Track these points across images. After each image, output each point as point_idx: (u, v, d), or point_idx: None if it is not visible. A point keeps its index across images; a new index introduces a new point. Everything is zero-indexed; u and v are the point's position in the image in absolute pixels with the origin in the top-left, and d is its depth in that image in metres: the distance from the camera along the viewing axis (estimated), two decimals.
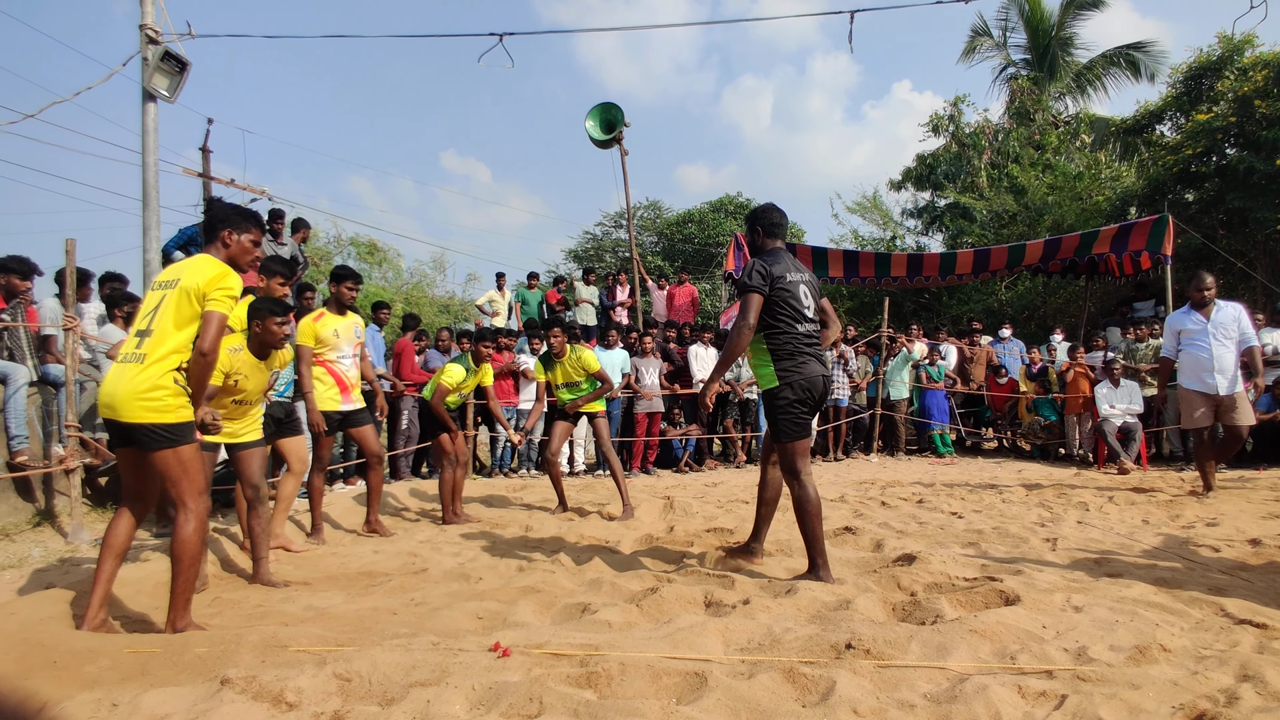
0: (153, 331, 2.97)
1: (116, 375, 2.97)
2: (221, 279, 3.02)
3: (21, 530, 5.16)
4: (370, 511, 5.54)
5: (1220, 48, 12.70)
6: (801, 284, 3.71)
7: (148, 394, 2.90)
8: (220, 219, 3.21)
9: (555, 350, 6.04)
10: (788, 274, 3.66)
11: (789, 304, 3.64)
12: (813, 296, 3.75)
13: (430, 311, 21.56)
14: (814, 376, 3.65)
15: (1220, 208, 11.78)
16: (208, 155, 14.11)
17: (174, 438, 2.97)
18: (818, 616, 3.04)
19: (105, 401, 2.95)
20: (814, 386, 3.65)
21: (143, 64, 6.76)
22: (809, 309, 3.71)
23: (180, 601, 3.04)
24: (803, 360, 3.64)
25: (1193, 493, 6.59)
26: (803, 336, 3.67)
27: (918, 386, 11.13)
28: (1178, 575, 3.61)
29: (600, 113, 11.95)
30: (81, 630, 3.00)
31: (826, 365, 3.76)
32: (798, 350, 3.65)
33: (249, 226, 3.27)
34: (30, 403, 5.51)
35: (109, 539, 3.10)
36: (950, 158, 18.30)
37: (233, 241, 3.21)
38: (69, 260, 5.15)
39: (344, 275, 5.43)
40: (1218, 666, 2.35)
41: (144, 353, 2.94)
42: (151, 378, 2.91)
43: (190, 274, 3.02)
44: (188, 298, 2.98)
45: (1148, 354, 9.33)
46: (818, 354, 3.72)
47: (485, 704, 2.15)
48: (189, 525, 3.03)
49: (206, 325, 2.98)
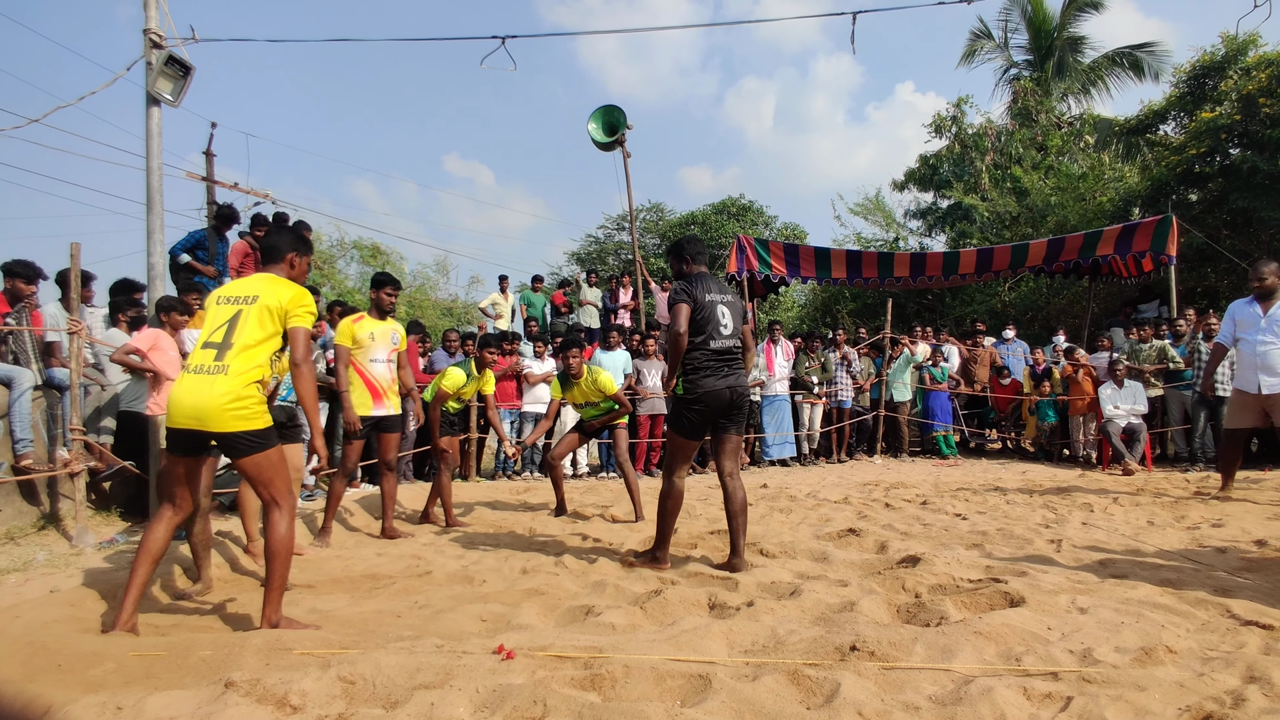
0: (233, 345, 3.10)
1: (198, 387, 3.04)
2: (301, 297, 3.24)
3: (26, 534, 5.16)
4: (385, 517, 5.54)
5: (1224, 47, 12.69)
6: (720, 304, 4.06)
7: (234, 404, 3.03)
8: (288, 242, 3.46)
9: (573, 371, 6.00)
10: (707, 295, 4.02)
11: (705, 323, 4.00)
12: (732, 317, 4.09)
13: (433, 314, 21.61)
14: (715, 389, 3.98)
15: (1224, 207, 11.75)
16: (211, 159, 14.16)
17: (263, 442, 3.12)
18: (822, 618, 3.04)
19: (190, 413, 3.03)
20: (715, 398, 3.98)
21: (146, 68, 6.77)
22: (726, 328, 4.04)
23: (275, 596, 3.13)
24: (705, 374, 3.98)
25: (1198, 494, 6.58)
26: (713, 352, 4.01)
27: (921, 388, 11.11)
28: (1183, 576, 3.60)
29: (602, 115, 11.96)
30: (111, 632, 3.01)
31: (738, 381, 4.07)
32: (702, 364, 3.99)
33: (308, 251, 3.56)
34: (35, 406, 5.53)
35: (147, 543, 3.16)
36: (953, 159, 18.29)
37: (298, 263, 3.46)
38: (74, 264, 5.16)
39: (384, 281, 5.43)
40: (1224, 668, 2.34)
41: (227, 364, 3.07)
42: (236, 388, 3.04)
43: (269, 293, 3.19)
44: (270, 314, 3.16)
45: (1151, 355, 9.31)
46: (729, 369, 4.05)
47: (489, 707, 2.15)
48: (283, 523, 3.16)
49: (295, 340, 3.19)
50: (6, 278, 5.66)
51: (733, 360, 4.08)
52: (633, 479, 6.04)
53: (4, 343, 5.65)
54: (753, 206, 24.80)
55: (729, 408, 4.05)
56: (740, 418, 4.16)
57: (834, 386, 10.54)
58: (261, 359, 3.12)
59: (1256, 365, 5.90)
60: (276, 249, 3.42)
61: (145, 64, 6.80)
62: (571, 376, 6.02)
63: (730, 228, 22.17)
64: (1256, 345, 5.91)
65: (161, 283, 6.71)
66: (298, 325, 3.18)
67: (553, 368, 9.53)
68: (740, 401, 4.09)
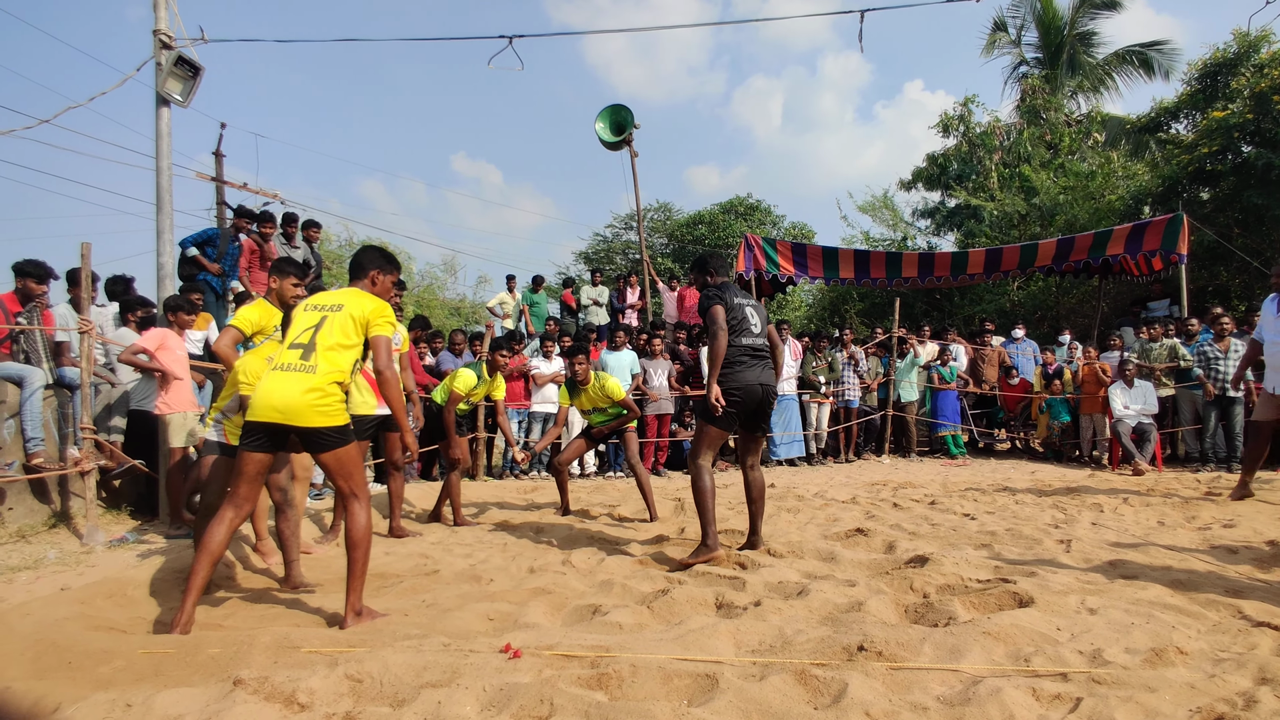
0: (317, 347, 3.27)
1: (286, 384, 3.19)
2: (383, 309, 3.42)
3: (38, 532, 5.20)
4: (393, 516, 5.56)
5: (1236, 44, 12.59)
6: (747, 307, 4.39)
7: (320, 401, 3.19)
8: (371, 260, 3.64)
9: (580, 378, 6.00)
10: (735, 298, 4.35)
11: (739, 324, 4.29)
12: (759, 319, 4.41)
13: (441, 314, 21.63)
14: (751, 384, 4.23)
15: (1236, 205, 11.66)
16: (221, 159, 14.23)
17: (343, 438, 3.29)
18: (829, 618, 3.03)
19: (277, 407, 3.16)
20: (749, 392, 4.22)
21: (156, 69, 6.82)
22: (755, 327, 4.36)
23: (358, 585, 3.25)
24: (741, 368, 4.24)
25: (1210, 494, 6.53)
26: (746, 348, 4.28)
27: (930, 387, 11.08)
28: (1194, 577, 3.57)
29: (610, 115, 11.96)
30: (172, 634, 3.04)
31: (770, 378, 4.35)
32: (736, 359, 4.24)
33: (393, 269, 3.72)
34: (46, 405, 5.56)
35: (207, 543, 3.24)
36: (961, 158, 18.22)
37: (379, 280, 3.62)
38: (84, 264, 5.19)
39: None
40: (1235, 669, 2.32)
41: (314, 365, 3.23)
42: (322, 385, 3.21)
43: (353, 304, 3.38)
44: (353, 323, 3.34)
45: (1162, 354, 9.25)
46: (761, 364, 4.32)
47: (496, 705, 2.15)
48: (362, 515, 3.32)
49: (378, 348, 3.37)
50: (18, 277, 5.70)
51: (764, 358, 4.36)
52: (645, 479, 6.02)
53: (15, 342, 5.69)
54: (760, 206, 24.75)
55: (761, 404, 4.31)
56: (767, 417, 4.47)
57: (841, 386, 10.52)
58: (344, 363, 3.29)
59: (1272, 365, 5.84)
60: (360, 266, 3.62)
61: (155, 65, 6.84)
62: (579, 383, 6.01)
63: (738, 227, 22.12)
64: (1272, 344, 5.84)
65: (171, 282, 6.75)
66: (379, 334, 3.36)
67: (560, 368, 9.54)
68: (771, 399, 4.37)
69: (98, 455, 5.33)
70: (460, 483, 6.01)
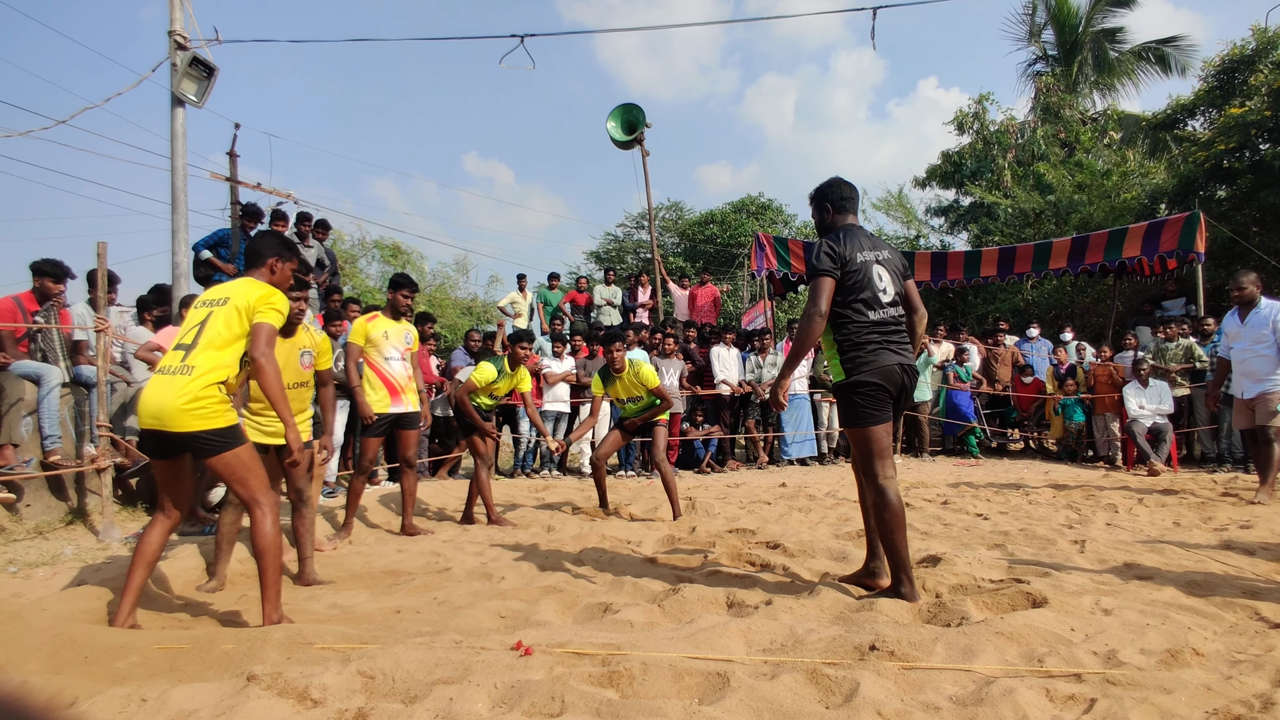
0: (198, 345, 3.09)
1: (161, 387, 3.04)
2: (269, 296, 3.22)
3: (55, 528, 5.26)
4: (405, 515, 5.56)
5: (1254, 40, 12.45)
6: (875, 264, 3.29)
7: (192, 404, 3.00)
8: (268, 248, 3.44)
9: (616, 366, 5.98)
10: (859, 254, 3.27)
11: (859, 289, 3.25)
12: (891, 277, 3.33)
13: (453, 313, 21.70)
14: (888, 366, 3.21)
15: (1253, 204, 11.54)
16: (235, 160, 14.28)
17: (227, 441, 3.09)
18: (841, 618, 3.02)
19: (152, 413, 3.03)
20: (888, 377, 3.22)
21: (171, 70, 6.87)
22: (885, 292, 3.29)
23: (271, 594, 3.14)
24: (874, 350, 3.23)
25: (1226, 494, 6.47)
26: (874, 324, 3.25)
27: (943, 387, 11.02)
28: (1210, 578, 3.53)
29: (621, 114, 11.97)
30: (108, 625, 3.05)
31: (908, 355, 3.32)
32: (866, 340, 3.24)
33: (292, 256, 3.52)
34: (63, 403, 5.62)
35: (142, 548, 3.18)
36: (976, 155, 18.10)
37: (278, 269, 3.44)
38: (100, 263, 5.24)
39: (401, 283, 5.50)
40: (1252, 671, 2.29)
41: (191, 365, 3.05)
42: (195, 389, 3.01)
43: (239, 294, 3.19)
44: (237, 314, 3.14)
45: (1178, 353, 9.16)
46: (896, 342, 3.29)
47: (507, 702, 2.15)
48: (266, 520, 3.16)
49: (256, 334, 3.14)
50: (35, 277, 5.76)
51: (895, 331, 3.30)
52: (670, 478, 5.96)
53: (33, 340, 5.75)
54: (772, 205, 24.70)
55: (901, 391, 3.29)
56: (900, 400, 3.36)
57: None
58: (227, 359, 3.10)
59: (1240, 372, 6.20)
60: (258, 253, 3.42)
61: (170, 65, 6.90)
62: (614, 371, 6.00)
63: (749, 226, 22.08)
64: (1236, 353, 6.22)
65: (186, 281, 6.81)
66: (261, 320, 3.15)
67: (571, 367, 9.56)
68: (913, 385, 3.34)
69: (114, 453, 5.38)
70: (489, 479, 5.99)
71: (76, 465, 5.46)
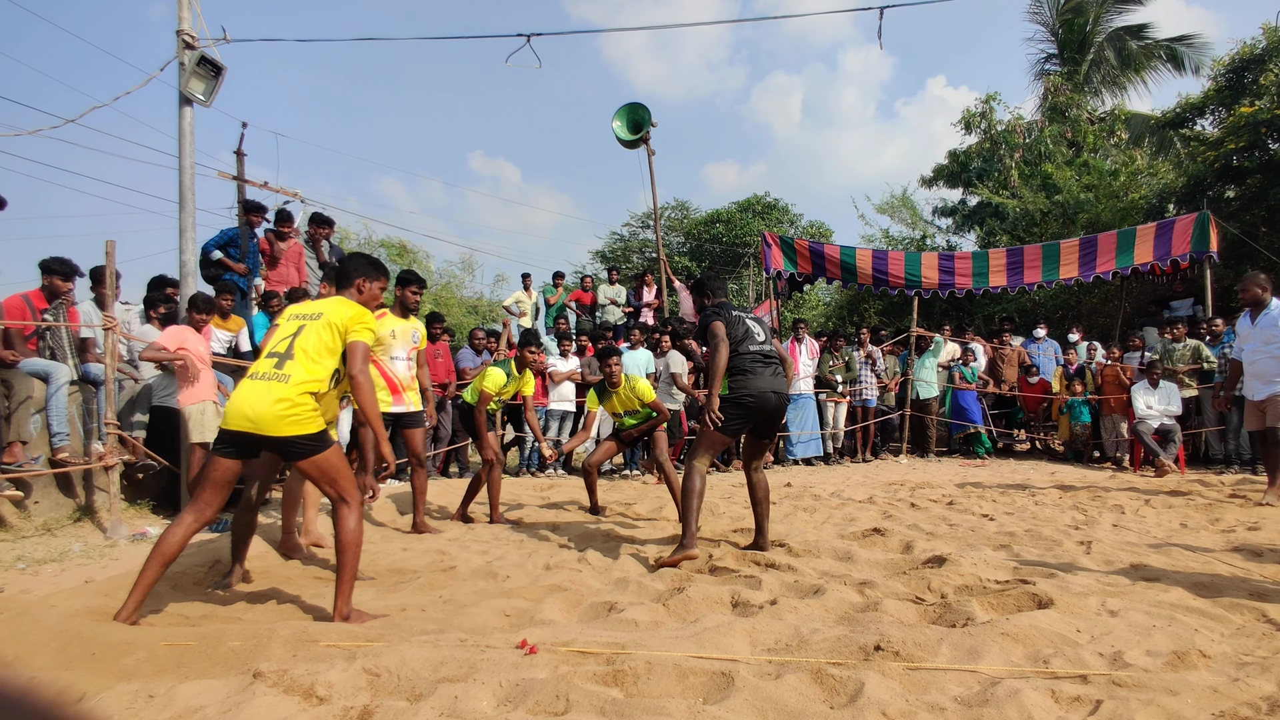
0: (294, 355, 3.23)
1: (255, 393, 3.15)
2: (361, 315, 3.38)
3: (62, 525, 5.28)
4: (416, 513, 5.56)
5: (1265, 39, 12.37)
6: (748, 320, 4.40)
7: (289, 410, 3.13)
8: (357, 268, 3.66)
9: (613, 380, 5.97)
10: (734, 313, 4.40)
11: (743, 335, 4.30)
12: (763, 330, 4.43)
13: (458, 312, 21.72)
14: (764, 391, 4.19)
15: (1263, 203, 11.48)
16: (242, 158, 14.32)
17: (317, 445, 3.22)
18: (846, 618, 3.01)
19: (247, 416, 3.12)
20: (762, 400, 4.20)
21: (179, 69, 6.89)
22: (759, 335, 4.36)
23: (346, 589, 3.20)
24: (752, 375, 4.21)
25: (1234, 496, 6.44)
26: (755, 353, 4.27)
27: (950, 387, 10.99)
28: (1218, 580, 3.52)
29: (627, 113, 11.94)
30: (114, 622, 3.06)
31: (782, 385, 4.31)
32: (746, 366, 4.23)
33: (379, 275, 3.71)
34: (71, 401, 5.65)
35: (163, 545, 3.19)
36: (983, 155, 18.04)
37: (366, 289, 3.65)
38: (108, 261, 5.27)
39: (409, 280, 5.50)
40: (1259, 673, 2.29)
41: (287, 374, 3.18)
42: (292, 395, 3.14)
43: (333, 311, 3.34)
44: (331, 330, 3.29)
45: (1185, 354, 9.12)
46: (772, 370, 4.28)
47: (512, 700, 2.16)
48: (352, 518, 3.28)
49: (353, 353, 3.30)
50: (44, 275, 5.79)
51: (774, 363, 4.32)
52: (674, 478, 5.87)
53: (42, 338, 5.78)
54: (778, 204, 24.65)
55: (775, 412, 4.29)
56: (778, 425, 4.44)
57: (859, 385, 10.47)
58: (320, 372, 3.24)
59: (1250, 374, 6.19)
60: (346, 275, 3.62)
61: (178, 64, 6.91)
62: (610, 386, 5.99)
63: (755, 225, 22.05)
64: (1247, 355, 6.21)
65: (193, 279, 6.82)
66: (355, 339, 3.30)
67: (576, 366, 9.56)
68: (783, 409, 4.35)
69: (121, 450, 5.41)
70: (500, 480, 5.96)
71: (84, 463, 5.49)
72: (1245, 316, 6.26)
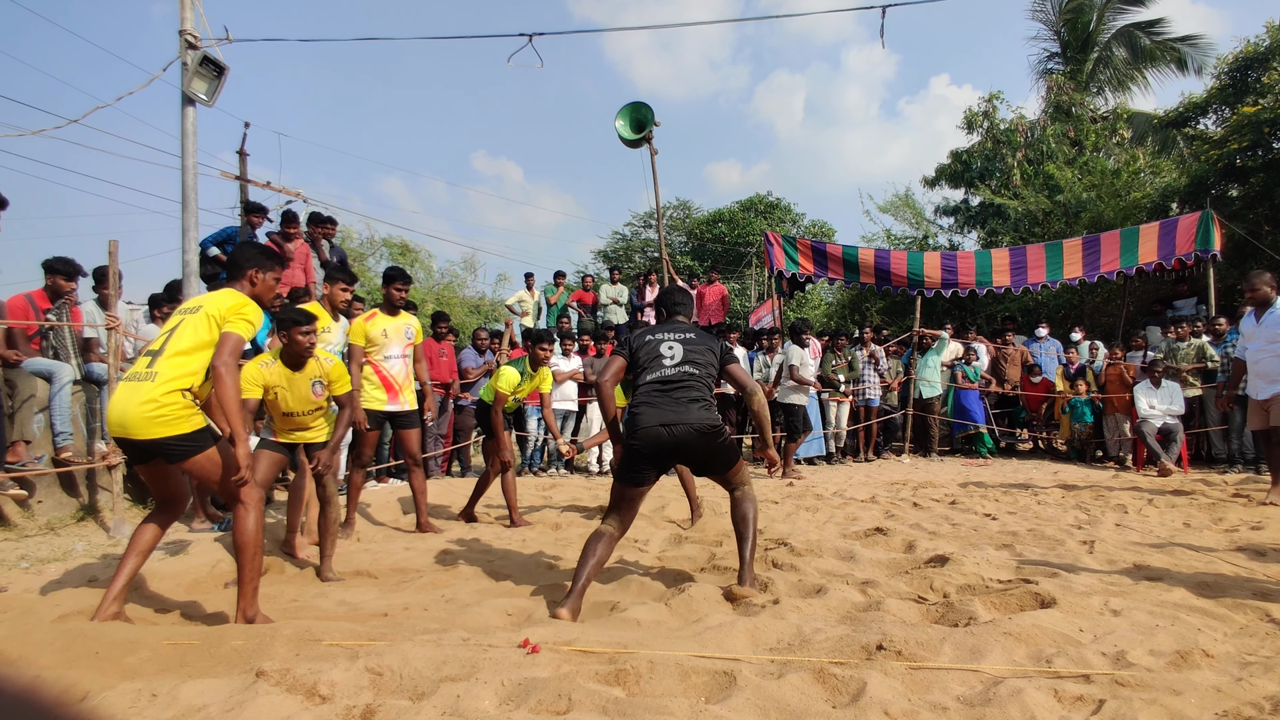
0: (164, 352, 3.06)
1: (125, 394, 3.02)
2: (242, 306, 3.14)
3: (66, 524, 5.29)
4: (419, 513, 5.52)
5: (1268, 38, 12.34)
6: (664, 343, 3.61)
7: (155, 411, 2.97)
8: (247, 259, 3.36)
9: None
10: (651, 335, 3.65)
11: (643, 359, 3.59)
12: (679, 349, 3.59)
13: (461, 312, 21.75)
14: (648, 426, 3.39)
15: (1266, 202, 11.46)
16: (245, 158, 14.38)
17: (195, 445, 3.06)
18: (848, 617, 3.01)
19: (117, 421, 3.00)
20: (649, 439, 3.39)
21: (182, 69, 6.90)
22: (669, 358, 3.56)
23: (248, 590, 3.15)
24: (642, 411, 3.45)
25: (1237, 495, 6.43)
26: (653, 382, 3.51)
27: (952, 386, 10.98)
28: (1221, 580, 3.51)
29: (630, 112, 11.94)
30: (93, 620, 3.06)
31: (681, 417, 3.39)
32: (640, 401, 3.50)
33: (273, 265, 3.42)
34: (74, 400, 5.66)
35: (136, 540, 3.22)
36: (986, 154, 18.01)
37: (259, 280, 3.36)
38: (111, 261, 5.27)
39: (393, 276, 5.51)
40: (1263, 673, 2.28)
41: (155, 371, 3.02)
42: (158, 395, 2.97)
43: (212, 303, 3.14)
44: (208, 322, 3.09)
45: (1189, 353, 9.11)
46: (671, 400, 3.45)
47: (515, 700, 2.16)
48: (248, 518, 3.16)
49: (222, 343, 3.07)
50: (47, 274, 5.80)
51: (679, 388, 3.48)
52: (688, 477, 5.72)
53: (45, 338, 5.79)
54: (780, 204, 24.65)
55: (673, 451, 3.43)
56: (701, 460, 3.55)
57: (861, 385, 10.46)
58: (193, 366, 3.05)
59: (1254, 373, 6.17)
60: (237, 265, 3.35)
61: (181, 64, 6.92)
62: None
63: (758, 225, 22.05)
64: (1251, 354, 6.19)
65: (196, 279, 6.83)
66: (230, 330, 3.08)
67: (579, 365, 9.56)
68: (687, 442, 3.41)
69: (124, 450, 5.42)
70: (515, 482, 5.92)
71: (88, 462, 5.50)
72: (1250, 315, 6.24)
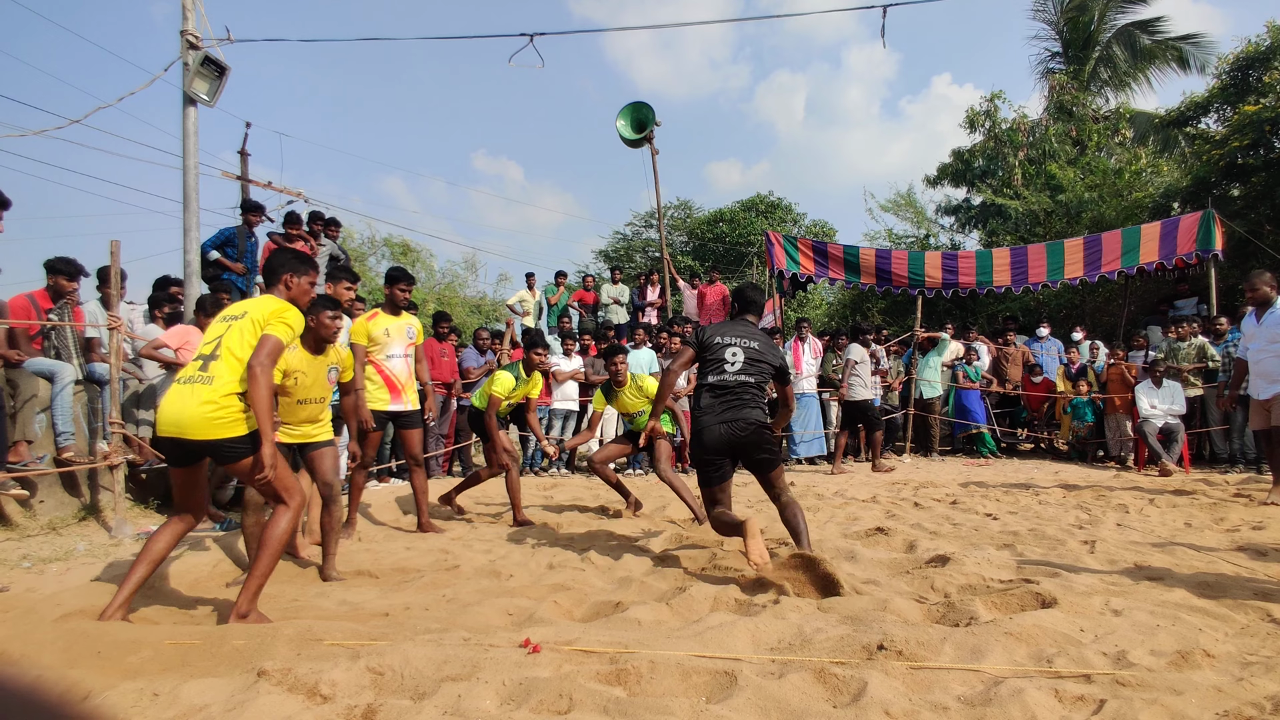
0: (219, 357, 3.17)
1: (181, 397, 3.11)
2: (283, 311, 3.29)
3: (68, 524, 5.30)
4: (420, 513, 5.53)
5: (1270, 37, 12.33)
6: (729, 347, 4.03)
7: (214, 412, 3.07)
8: (282, 264, 3.52)
9: (619, 380, 5.92)
10: (721, 337, 4.08)
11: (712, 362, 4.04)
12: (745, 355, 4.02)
13: (462, 311, 21.73)
14: (709, 426, 3.93)
15: (1268, 202, 11.45)
16: (246, 158, 14.40)
17: (247, 447, 3.15)
18: (849, 617, 3.01)
19: (172, 422, 3.08)
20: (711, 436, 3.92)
21: (183, 69, 6.91)
22: (731, 364, 4.00)
23: (253, 587, 3.18)
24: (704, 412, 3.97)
25: (1238, 495, 6.43)
26: (712, 385, 4.00)
27: (953, 386, 10.97)
28: (1222, 580, 3.51)
29: (631, 112, 11.97)
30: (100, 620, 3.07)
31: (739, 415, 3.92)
32: (702, 404, 4.00)
33: (306, 270, 3.57)
34: (76, 400, 5.67)
35: (150, 547, 3.24)
36: (987, 154, 18.00)
37: (294, 284, 3.51)
38: (113, 261, 5.28)
39: (397, 277, 5.51)
40: (1264, 673, 2.28)
41: (212, 375, 3.13)
42: (216, 396, 3.08)
43: (256, 308, 3.29)
44: (253, 327, 3.22)
45: (1190, 353, 9.10)
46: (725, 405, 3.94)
47: (515, 699, 2.16)
48: (284, 520, 3.25)
49: (260, 345, 3.18)
50: (49, 275, 5.81)
51: (732, 395, 3.98)
52: (681, 487, 5.63)
53: (47, 338, 5.80)
54: (781, 203, 24.62)
55: (732, 447, 3.96)
56: (755, 459, 4.02)
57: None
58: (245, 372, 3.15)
59: (1256, 373, 6.16)
60: (273, 272, 3.51)
61: (182, 65, 6.93)
62: (616, 385, 5.96)
63: (759, 225, 22.03)
64: (1253, 354, 6.18)
65: (197, 279, 6.85)
66: (269, 333, 3.20)
67: (579, 365, 9.56)
68: (746, 439, 3.94)
69: (126, 449, 5.42)
70: (519, 481, 5.93)
71: (89, 462, 5.50)
72: (1251, 315, 6.24)
